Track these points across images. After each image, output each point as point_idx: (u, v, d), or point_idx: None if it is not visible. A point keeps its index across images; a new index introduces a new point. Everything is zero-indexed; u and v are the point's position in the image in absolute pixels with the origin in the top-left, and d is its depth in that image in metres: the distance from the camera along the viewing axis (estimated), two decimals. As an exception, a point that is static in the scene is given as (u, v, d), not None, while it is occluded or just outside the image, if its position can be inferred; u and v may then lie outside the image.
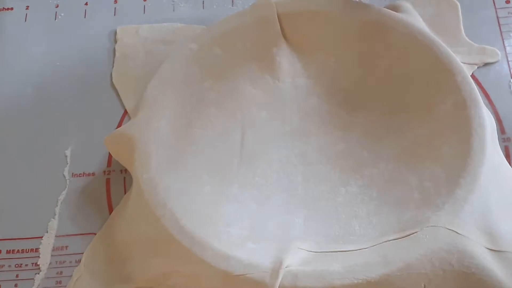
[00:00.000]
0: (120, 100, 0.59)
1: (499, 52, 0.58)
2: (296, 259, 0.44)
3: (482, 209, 0.46)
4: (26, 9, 0.65)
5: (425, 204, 0.47)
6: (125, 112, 0.58)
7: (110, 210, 0.53)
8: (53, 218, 0.53)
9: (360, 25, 0.56)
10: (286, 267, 0.43)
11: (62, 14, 0.65)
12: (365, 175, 0.51)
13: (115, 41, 0.62)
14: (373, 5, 0.56)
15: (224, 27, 0.56)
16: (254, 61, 0.56)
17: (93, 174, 0.55)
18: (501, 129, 0.54)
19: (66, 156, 0.56)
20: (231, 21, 0.56)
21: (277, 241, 0.47)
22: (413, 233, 0.45)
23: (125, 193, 0.54)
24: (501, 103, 0.56)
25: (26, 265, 0.51)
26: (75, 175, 0.55)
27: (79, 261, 0.50)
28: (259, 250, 0.45)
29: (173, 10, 0.63)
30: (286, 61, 0.57)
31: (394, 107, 0.54)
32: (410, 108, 0.53)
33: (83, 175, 0.55)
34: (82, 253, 0.51)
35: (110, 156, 0.55)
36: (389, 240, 0.45)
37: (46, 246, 0.51)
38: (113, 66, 0.60)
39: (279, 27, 0.56)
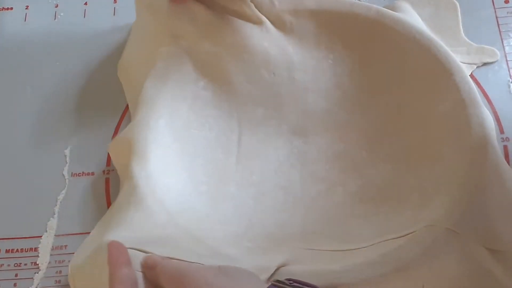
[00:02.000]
0: (119, 100, 0.58)
1: (498, 52, 0.58)
2: (292, 258, 0.44)
3: (481, 208, 0.46)
4: (26, 8, 0.65)
5: (424, 204, 0.47)
6: (124, 112, 0.58)
7: (110, 209, 0.53)
8: (53, 217, 0.53)
9: (359, 24, 0.56)
10: (282, 266, 0.43)
11: (62, 14, 0.65)
12: (364, 175, 0.51)
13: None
14: (372, 5, 0.56)
15: (212, 23, 0.55)
16: (247, 55, 0.55)
17: (93, 173, 0.55)
18: (500, 129, 0.54)
19: (65, 156, 0.56)
20: (224, 22, 0.56)
21: (274, 240, 0.47)
22: (411, 233, 0.45)
23: (124, 192, 0.54)
24: (500, 103, 0.56)
25: (26, 264, 0.51)
26: (74, 174, 0.55)
27: (78, 260, 0.50)
28: (254, 249, 0.45)
29: (173, 10, 0.63)
30: (281, 55, 0.56)
31: (393, 107, 0.54)
32: (409, 108, 0.53)
33: (83, 175, 0.55)
34: (81, 253, 0.51)
35: (109, 155, 0.55)
36: (388, 240, 0.45)
37: (46, 245, 0.51)
38: (119, 59, 0.60)
39: (269, 24, 0.56)
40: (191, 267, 0.39)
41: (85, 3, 0.65)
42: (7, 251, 0.52)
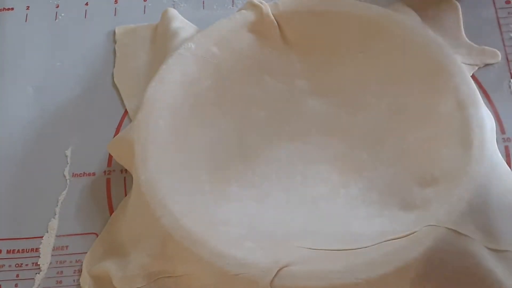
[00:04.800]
0: (121, 100, 0.59)
1: (499, 53, 0.58)
2: (295, 258, 0.44)
3: (482, 208, 0.46)
4: (27, 9, 0.65)
5: (426, 208, 0.47)
6: (125, 112, 0.58)
7: (111, 210, 0.53)
8: (54, 218, 0.53)
9: (360, 25, 0.56)
10: (284, 267, 0.43)
11: (63, 14, 0.65)
12: (365, 178, 0.51)
13: (115, 41, 0.62)
14: (372, 5, 0.56)
15: (220, 28, 0.56)
16: (252, 61, 0.56)
17: (94, 174, 0.55)
18: (501, 129, 0.54)
19: (66, 156, 0.56)
20: (226, 23, 0.57)
21: (276, 240, 0.47)
22: (413, 233, 0.45)
23: (125, 193, 0.54)
24: (501, 103, 0.56)
25: (27, 264, 0.51)
26: (75, 175, 0.55)
27: (80, 261, 0.50)
28: (257, 249, 0.45)
29: (173, 10, 0.63)
30: (284, 62, 0.57)
31: (394, 108, 0.54)
32: (410, 109, 0.53)
33: (84, 175, 0.55)
34: (83, 253, 0.51)
35: (110, 156, 0.55)
36: (389, 240, 0.45)
37: (47, 245, 0.51)
38: (114, 66, 0.61)
39: (276, 29, 0.56)
40: None
41: (86, 4, 0.65)
42: (8, 251, 0.52)
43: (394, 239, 0.45)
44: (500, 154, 0.50)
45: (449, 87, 0.51)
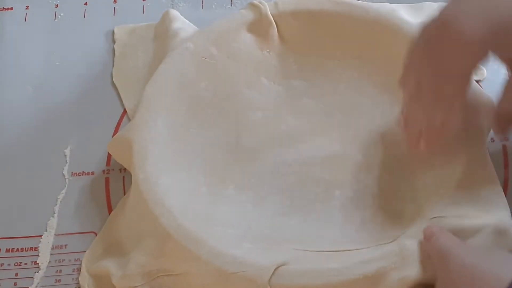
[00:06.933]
0: (120, 99, 0.59)
1: (485, 71, 0.56)
2: (291, 259, 0.44)
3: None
4: (26, 9, 0.66)
5: (419, 215, 0.47)
6: (124, 111, 0.58)
7: (109, 208, 0.53)
8: (53, 216, 0.53)
9: (358, 28, 0.56)
10: (282, 265, 0.43)
11: (62, 14, 0.65)
12: (360, 180, 0.51)
13: (113, 41, 0.62)
14: (371, 7, 0.56)
15: (218, 28, 0.56)
16: (249, 62, 0.56)
17: (93, 173, 0.55)
18: (499, 129, 0.54)
19: (65, 155, 0.56)
20: (225, 23, 0.57)
21: (272, 242, 0.47)
22: None
23: (124, 192, 0.54)
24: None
25: (26, 263, 0.51)
26: (74, 174, 0.55)
27: (79, 259, 0.51)
28: (254, 250, 0.46)
29: (172, 10, 0.63)
30: (281, 63, 0.57)
31: (388, 113, 0.54)
32: None
33: (83, 174, 0.55)
34: (81, 252, 0.51)
35: (109, 155, 0.55)
36: (384, 244, 0.45)
37: (46, 244, 0.52)
38: (113, 66, 0.61)
39: (274, 29, 0.57)
40: (457, 245, 0.40)
41: (85, 3, 0.65)
42: (7, 250, 0.52)
43: (389, 242, 0.45)
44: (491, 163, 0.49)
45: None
